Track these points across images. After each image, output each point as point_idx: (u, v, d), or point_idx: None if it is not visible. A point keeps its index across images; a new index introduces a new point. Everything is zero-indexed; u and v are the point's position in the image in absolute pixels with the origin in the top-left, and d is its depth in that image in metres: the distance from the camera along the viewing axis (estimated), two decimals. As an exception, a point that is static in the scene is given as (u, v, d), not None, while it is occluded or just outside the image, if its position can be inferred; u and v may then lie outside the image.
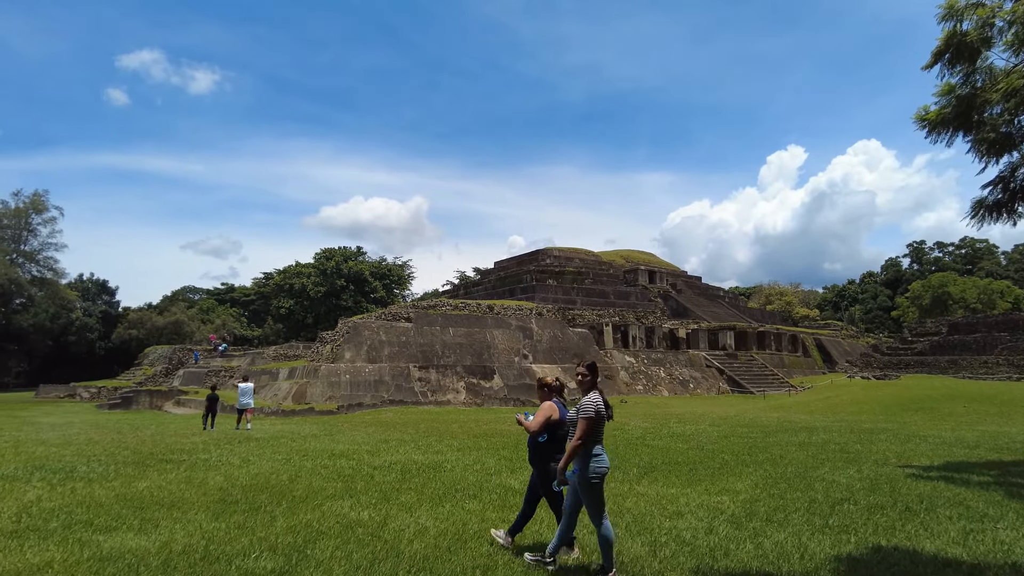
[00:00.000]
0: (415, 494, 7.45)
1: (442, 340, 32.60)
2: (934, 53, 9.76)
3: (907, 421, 19.96)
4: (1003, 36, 9.48)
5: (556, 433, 5.44)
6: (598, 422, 4.79)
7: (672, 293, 57.15)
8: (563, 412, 5.53)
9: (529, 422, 5.46)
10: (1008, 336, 49.51)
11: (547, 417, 5.41)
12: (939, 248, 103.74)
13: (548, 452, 5.45)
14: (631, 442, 13.09)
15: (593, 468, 4.74)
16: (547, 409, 5.48)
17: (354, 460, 10.36)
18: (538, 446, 5.51)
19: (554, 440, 5.45)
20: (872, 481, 8.17)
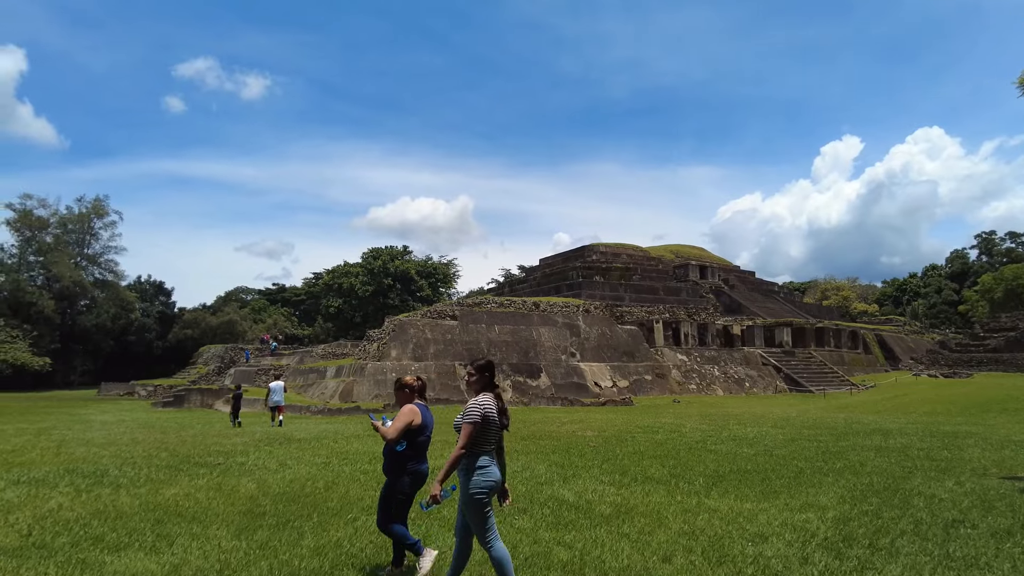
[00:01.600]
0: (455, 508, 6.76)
1: (488, 338, 32.02)
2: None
3: (991, 424, 18.33)
4: None
5: (416, 440, 4.81)
6: (486, 428, 4.13)
7: (724, 289, 55.32)
8: (426, 416, 4.89)
9: (386, 428, 4.72)
10: (1093, 331, 46.09)
11: (408, 423, 4.72)
12: (1012, 239, 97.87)
13: (404, 463, 4.80)
14: (692, 447, 12.14)
15: (478, 482, 4.10)
16: (407, 413, 4.78)
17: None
18: (394, 455, 4.81)
19: (414, 448, 4.81)
20: (981, 498, 7.10)
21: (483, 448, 4.19)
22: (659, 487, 7.87)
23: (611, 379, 33.42)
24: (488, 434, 4.21)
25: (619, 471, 9.07)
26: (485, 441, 4.20)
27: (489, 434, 4.21)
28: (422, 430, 4.87)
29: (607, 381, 33.11)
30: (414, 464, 4.85)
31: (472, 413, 4.14)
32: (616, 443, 12.70)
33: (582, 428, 15.92)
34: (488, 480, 4.15)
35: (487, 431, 4.19)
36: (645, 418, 20.03)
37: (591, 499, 7.08)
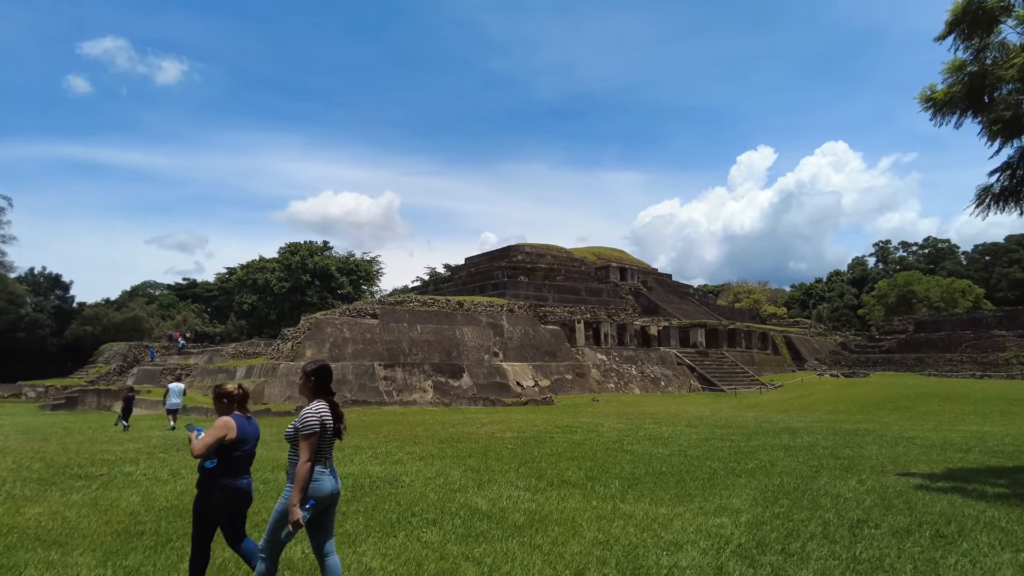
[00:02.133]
0: (364, 519, 6.33)
1: (409, 337, 31.37)
2: (948, 22, 8.95)
3: (887, 421, 19.41)
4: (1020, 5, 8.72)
5: (231, 456, 4.32)
6: (322, 437, 3.88)
7: (643, 290, 56.63)
8: (246, 430, 4.44)
9: (197, 442, 4.28)
10: (971, 334, 50.11)
11: (219, 438, 4.26)
12: (904, 248, 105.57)
13: (215, 479, 4.31)
14: (608, 447, 12.11)
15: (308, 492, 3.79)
16: (222, 427, 4.32)
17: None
18: (204, 471, 4.35)
19: (227, 464, 4.31)
20: (881, 495, 7.30)
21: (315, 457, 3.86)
22: (575, 491, 7.70)
23: (533, 379, 33.44)
24: (321, 443, 3.89)
25: (536, 475, 8.85)
26: (317, 450, 3.87)
27: (322, 443, 3.90)
28: (238, 445, 4.36)
29: (529, 381, 33.11)
30: (229, 480, 4.33)
31: (310, 423, 3.81)
32: (535, 444, 12.53)
33: (502, 429, 15.69)
34: (319, 491, 3.84)
35: (320, 440, 3.88)
36: (565, 417, 20.04)
37: (505, 507, 6.81)
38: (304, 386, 4.08)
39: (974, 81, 9.29)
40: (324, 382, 4.07)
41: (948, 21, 9.00)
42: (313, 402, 3.99)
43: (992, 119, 9.17)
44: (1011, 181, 10.26)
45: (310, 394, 4.06)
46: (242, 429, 4.42)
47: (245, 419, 4.53)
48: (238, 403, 4.57)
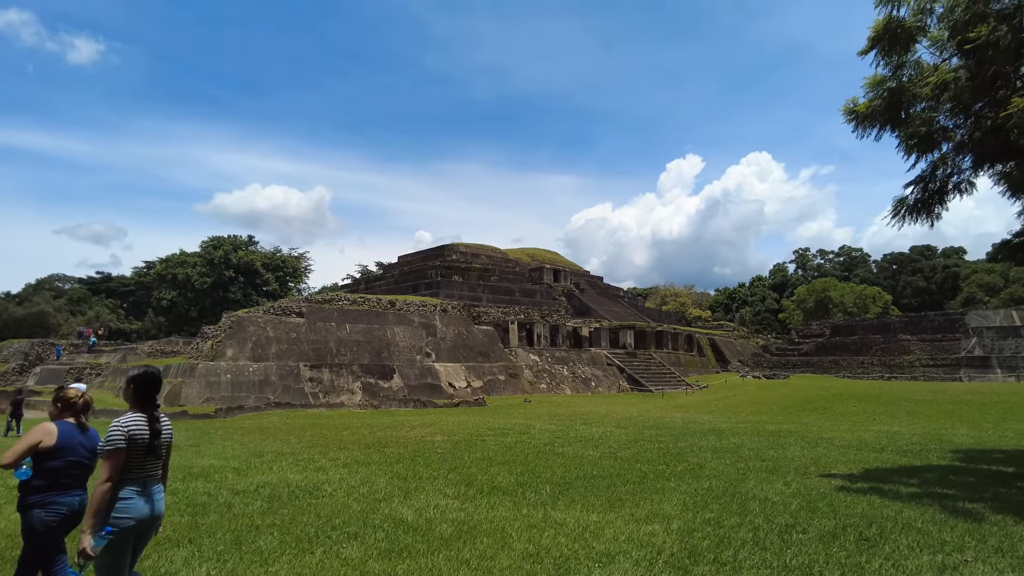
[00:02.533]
0: (279, 534, 5.89)
1: (337, 337, 30.45)
2: (871, 38, 9.22)
3: (806, 422, 20.14)
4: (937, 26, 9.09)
5: (45, 466, 3.89)
6: (133, 453, 3.47)
7: (576, 292, 57.25)
8: (69, 437, 4.02)
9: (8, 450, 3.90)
10: (881, 339, 53.06)
11: (32, 444, 3.88)
12: (821, 255, 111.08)
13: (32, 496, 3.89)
14: (540, 450, 11.97)
15: (112, 519, 3.37)
16: (38, 432, 3.95)
17: (214, 482, 8.56)
18: (21, 485, 3.95)
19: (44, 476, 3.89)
20: (806, 498, 7.41)
21: (126, 476, 3.45)
22: (505, 498, 7.47)
23: (466, 379, 33.12)
24: (133, 460, 3.47)
25: (465, 481, 8.58)
26: (128, 468, 3.45)
27: (134, 460, 3.48)
28: (55, 454, 3.91)
29: (462, 382, 32.77)
30: (52, 495, 3.90)
31: (114, 439, 3.40)
32: (465, 448, 12.25)
33: (432, 432, 15.32)
34: (125, 516, 3.39)
35: (134, 458, 3.47)
36: (497, 419, 19.84)
37: (432, 517, 6.50)
38: (126, 393, 3.66)
39: (893, 96, 9.64)
40: (146, 391, 3.64)
41: (870, 37, 9.29)
42: (128, 413, 3.55)
43: (909, 134, 9.53)
44: (923, 194, 10.73)
45: (131, 403, 3.63)
46: (65, 437, 3.95)
47: (76, 428, 4.06)
48: (75, 411, 4.11)
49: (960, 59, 9.41)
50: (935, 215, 10.67)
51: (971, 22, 8.60)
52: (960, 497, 7.66)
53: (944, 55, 9.81)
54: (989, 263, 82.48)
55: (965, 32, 8.82)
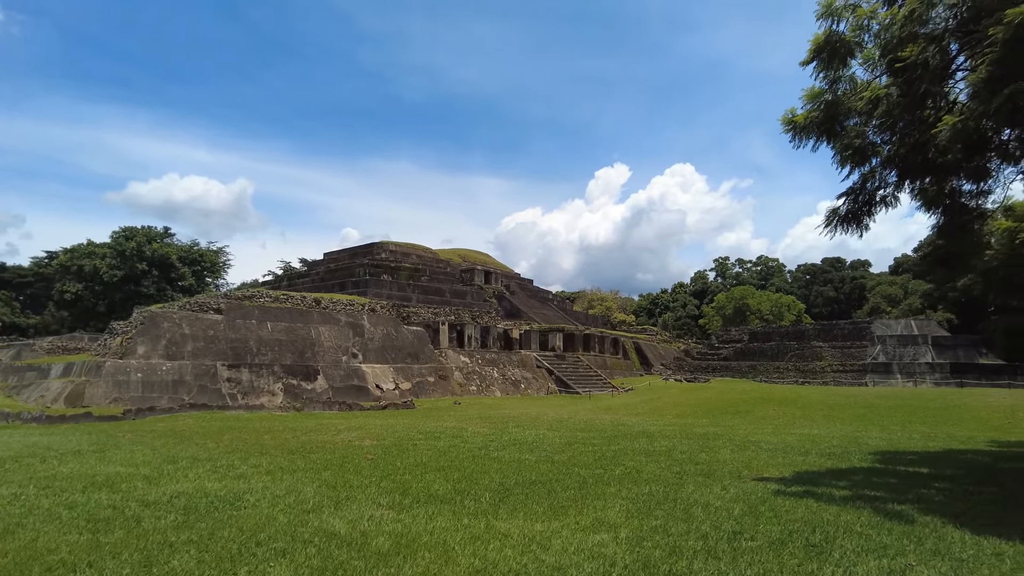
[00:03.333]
0: (197, 552, 5.32)
1: (258, 335, 29.08)
2: (812, 50, 9.43)
3: (731, 425, 20.68)
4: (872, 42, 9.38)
5: None
6: None
7: (506, 294, 57.22)
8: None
9: None
10: (796, 345, 55.57)
11: None
12: (740, 264, 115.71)
13: None
14: (475, 455, 11.64)
15: None
16: None
17: (120, 493, 7.77)
18: None
19: None
20: (747, 503, 7.42)
21: None
22: (444, 508, 7.11)
23: (394, 381, 32.36)
24: None
25: (399, 489, 8.16)
26: None
27: None
28: None
29: (390, 383, 31.99)
30: None
31: None
32: (397, 453, 11.77)
33: (360, 436, 14.72)
34: None
35: None
36: (427, 422, 19.36)
37: (367, 530, 6.07)
38: None
39: (829, 109, 9.91)
40: None
41: (811, 49, 9.51)
42: None
43: (844, 145, 9.81)
44: (854, 205, 11.11)
45: None
46: None
47: None
48: None
49: (890, 77, 9.77)
50: (864, 226, 11.06)
51: (902, 42, 8.93)
52: (887, 499, 7.87)
53: (876, 72, 10.18)
54: (891, 276, 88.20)
55: (896, 51, 9.15)
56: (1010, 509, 7.59)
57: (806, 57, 9.58)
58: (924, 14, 8.01)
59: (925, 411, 23.19)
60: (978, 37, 8.35)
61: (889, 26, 8.61)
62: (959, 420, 21.11)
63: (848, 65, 9.64)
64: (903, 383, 45.29)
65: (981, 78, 7.10)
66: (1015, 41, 6.96)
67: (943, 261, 12.05)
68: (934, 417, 21.89)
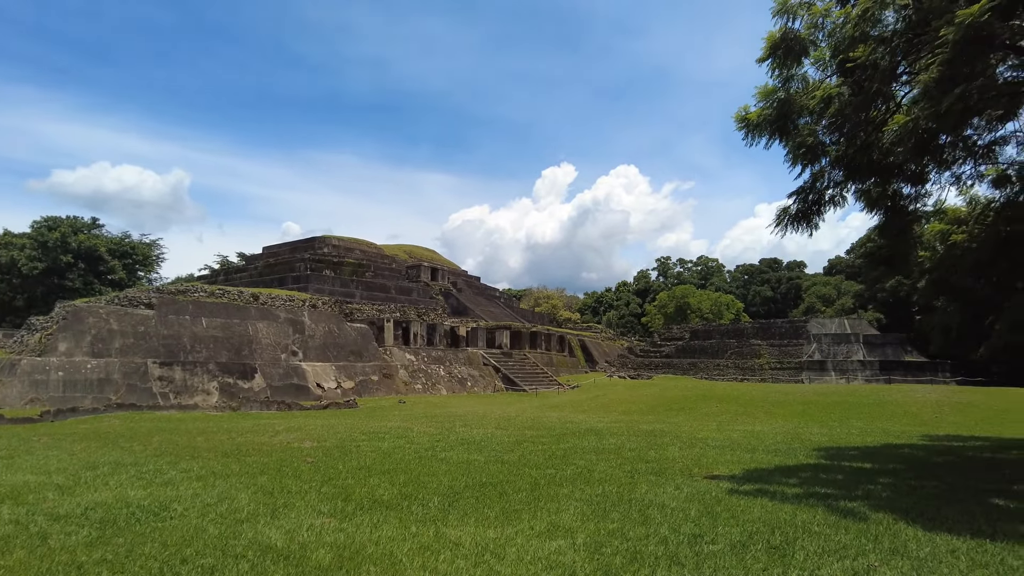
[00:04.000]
0: (109, 573, 4.76)
1: (192, 332, 27.76)
2: (769, 46, 9.40)
3: (676, 422, 20.85)
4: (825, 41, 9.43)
5: None
6: None
7: (453, 291, 56.69)
8: None
9: None
10: (735, 343, 56.99)
11: None
12: (681, 264, 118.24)
13: None
14: (421, 456, 11.22)
15: None
16: None
17: (27, 505, 7.04)
18: None
19: None
20: (703, 503, 7.29)
21: None
22: (390, 514, 6.70)
23: (336, 380, 31.47)
24: None
25: (342, 495, 7.69)
26: None
27: None
28: None
29: (331, 382, 31.09)
30: None
31: None
32: (339, 455, 11.24)
33: (300, 437, 14.07)
34: None
35: None
36: (371, 422, 18.77)
37: (306, 541, 5.61)
38: None
39: (783, 107, 9.93)
40: None
41: (767, 46, 9.51)
42: None
43: (797, 144, 9.85)
44: (804, 204, 11.22)
45: None
46: None
47: None
48: None
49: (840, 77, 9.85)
50: (813, 224, 11.18)
51: (854, 42, 8.99)
52: (838, 496, 7.89)
53: (827, 72, 10.26)
54: (826, 276, 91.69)
55: (848, 52, 9.22)
56: (952, 503, 7.71)
57: (762, 54, 9.56)
58: (877, 14, 8.04)
59: (860, 407, 23.98)
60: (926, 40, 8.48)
61: (843, 25, 8.65)
62: (891, 415, 21.91)
63: (802, 63, 9.69)
64: (837, 380, 47.01)
65: (933, 78, 7.14)
66: (965, 42, 7.04)
67: (886, 260, 12.34)
68: (868, 413, 22.66)
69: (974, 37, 6.92)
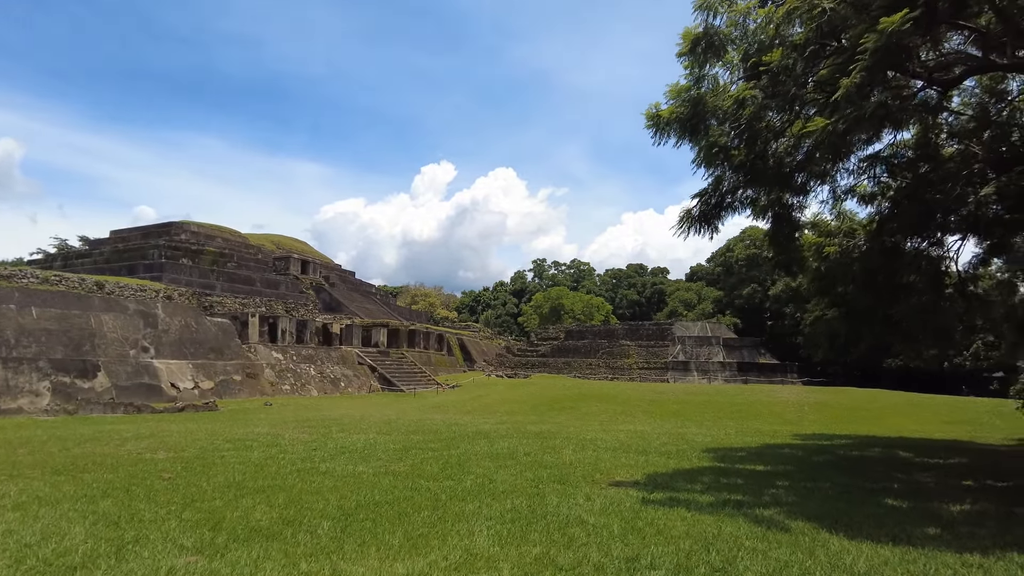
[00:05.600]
0: None
1: (19, 323, 23.96)
2: (691, 40, 9.15)
3: (560, 422, 20.73)
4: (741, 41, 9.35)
5: None
6: None
7: (325, 286, 54.04)
8: None
9: None
10: (607, 343, 58.89)
11: None
12: (556, 267, 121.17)
13: None
14: (299, 469, 9.96)
15: None
16: None
17: None
18: None
19: None
20: (621, 517, 6.81)
21: None
22: (272, 547, 5.59)
23: (193, 380, 28.58)
24: None
25: (210, 522, 6.42)
26: None
27: None
28: None
29: (188, 382, 28.19)
30: None
31: None
32: (201, 469, 9.73)
33: (152, 447, 12.23)
34: None
35: None
36: (235, 427, 16.93)
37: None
38: None
39: (696, 106, 9.76)
40: None
41: (687, 40, 9.30)
42: None
43: (710, 144, 9.72)
44: (706, 207, 11.20)
45: None
46: None
47: None
48: None
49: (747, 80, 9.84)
50: (714, 227, 11.20)
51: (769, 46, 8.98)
52: (750, 503, 7.74)
53: (735, 76, 10.25)
54: (687, 282, 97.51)
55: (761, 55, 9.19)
56: (853, 505, 7.81)
57: (682, 48, 9.33)
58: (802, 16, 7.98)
59: (729, 407, 25.21)
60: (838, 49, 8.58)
61: (764, 26, 8.57)
62: (759, 415, 23.19)
63: (719, 62, 9.56)
64: (699, 380, 49.80)
65: (855, 83, 7.12)
66: (885, 50, 7.08)
67: (783, 265, 12.70)
68: (738, 412, 23.85)
69: (894, 45, 6.96)
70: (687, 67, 9.76)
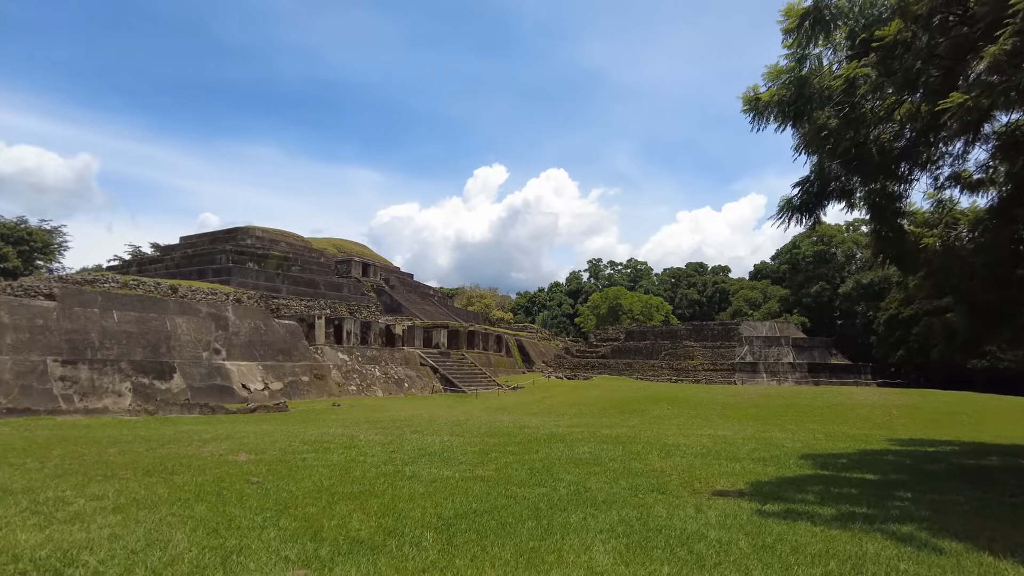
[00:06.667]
0: None
1: (102, 327, 24.84)
2: (799, 14, 8.46)
3: (633, 425, 20.03)
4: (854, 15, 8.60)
5: None
6: None
7: (386, 288, 54.57)
8: None
9: None
10: (669, 344, 57.48)
11: None
12: (612, 266, 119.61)
13: None
14: (384, 473, 9.69)
15: None
16: None
17: None
18: None
19: None
20: (744, 532, 6.21)
21: None
22: (380, 560, 5.25)
23: (263, 381, 29.09)
24: None
25: (309, 531, 6.15)
26: None
27: None
28: None
29: (258, 383, 28.71)
30: None
31: None
32: (286, 473, 9.58)
33: (232, 448, 12.23)
34: None
35: None
36: (308, 428, 16.96)
37: (283, 611, 4.12)
38: None
39: (800, 87, 9.05)
40: None
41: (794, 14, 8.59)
42: None
43: (817, 128, 8.98)
44: (807, 196, 10.43)
45: None
46: None
47: None
48: None
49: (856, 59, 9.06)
50: (815, 217, 10.44)
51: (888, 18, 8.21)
52: (880, 517, 7.01)
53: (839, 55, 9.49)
54: (751, 281, 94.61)
55: (869, 31, 8.44)
56: (1002, 521, 6.98)
57: (788, 24, 8.63)
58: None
59: (810, 410, 23.97)
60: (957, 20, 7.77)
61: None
62: (844, 418, 21.92)
63: (829, 39, 8.82)
64: (768, 381, 48.00)
65: (1005, 50, 6.33)
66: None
67: (895, 260, 11.77)
68: (820, 416, 22.62)
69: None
70: (788, 46, 9.04)
